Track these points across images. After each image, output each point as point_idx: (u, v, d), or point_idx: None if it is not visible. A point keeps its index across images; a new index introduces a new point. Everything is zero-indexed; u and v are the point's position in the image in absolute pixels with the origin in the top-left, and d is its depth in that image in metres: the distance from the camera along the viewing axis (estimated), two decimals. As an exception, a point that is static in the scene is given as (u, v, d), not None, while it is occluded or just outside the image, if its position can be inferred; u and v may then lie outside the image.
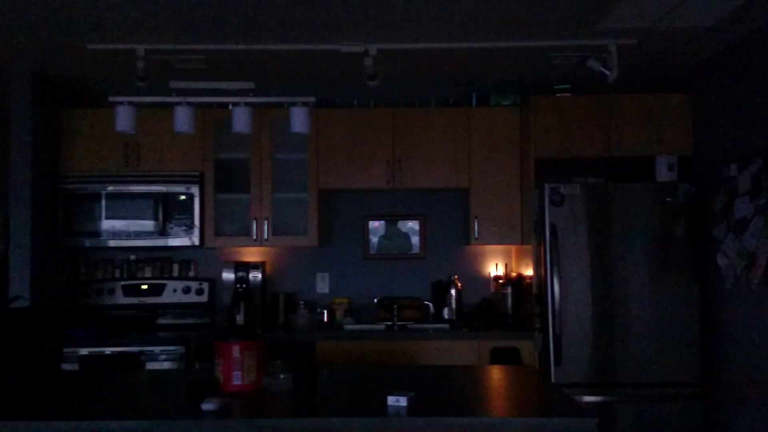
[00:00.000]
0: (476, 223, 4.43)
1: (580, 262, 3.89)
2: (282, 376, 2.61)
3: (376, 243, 4.80)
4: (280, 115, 4.21)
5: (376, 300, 4.63)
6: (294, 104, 3.09)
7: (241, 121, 3.04)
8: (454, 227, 4.76)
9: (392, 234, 4.81)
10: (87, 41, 3.54)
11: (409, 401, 2.18)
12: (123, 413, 2.26)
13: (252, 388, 2.47)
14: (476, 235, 4.44)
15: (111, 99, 3.23)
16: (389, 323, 4.45)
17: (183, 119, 3.04)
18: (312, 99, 3.17)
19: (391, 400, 2.20)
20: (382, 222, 4.80)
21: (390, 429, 2.13)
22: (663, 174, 4.07)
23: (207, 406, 2.19)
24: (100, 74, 4.16)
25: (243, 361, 2.48)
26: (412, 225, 4.80)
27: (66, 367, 3.81)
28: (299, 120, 3.06)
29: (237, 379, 2.47)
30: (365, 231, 4.79)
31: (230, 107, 3.11)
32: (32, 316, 2.43)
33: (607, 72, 3.72)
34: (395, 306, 4.49)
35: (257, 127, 4.34)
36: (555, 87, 4.36)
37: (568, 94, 4.34)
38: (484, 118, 4.47)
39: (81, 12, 3.14)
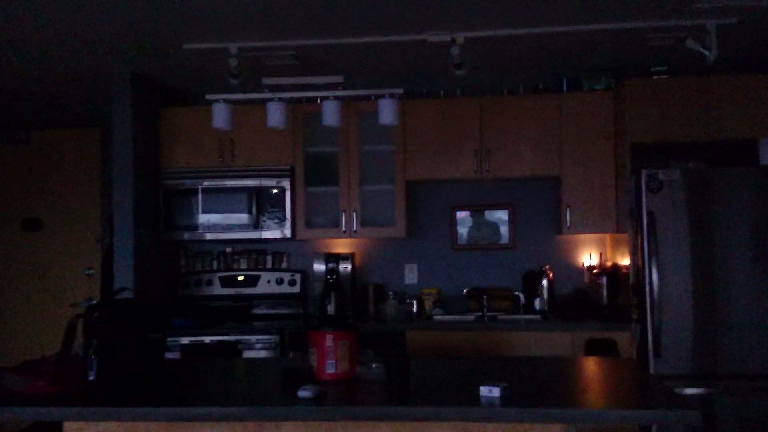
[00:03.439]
0: (568, 212, 4.33)
1: (680, 250, 3.73)
2: (374, 365, 2.64)
3: (464, 233, 4.77)
4: (367, 107, 4.25)
5: (465, 290, 4.61)
6: (382, 96, 3.10)
7: (330, 114, 3.08)
8: (544, 216, 4.67)
9: (481, 224, 4.76)
10: (183, 41, 3.67)
11: (502, 391, 2.16)
12: (223, 400, 2.34)
13: (345, 377, 2.51)
14: (568, 224, 4.33)
15: (208, 97, 3.35)
16: (479, 314, 4.42)
17: (275, 115, 3.11)
18: (400, 90, 3.17)
19: (484, 390, 2.18)
20: (471, 212, 4.77)
21: (483, 419, 2.12)
22: (767, 158, 3.84)
23: (303, 394, 2.25)
24: (195, 73, 4.31)
25: (336, 350, 2.52)
26: (501, 215, 4.74)
27: (168, 355, 3.98)
28: (387, 112, 3.07)
29: (331, 368, 2.51)
30: (453, 221, 4.76)
31: (319, 101, 3.15)
32: (137, 307, 2.55)
33: (706, 52, 3.54)
34: (485, 296, 4.45)
35: (345, 120, 4.41)
36: (651, 69, 4.19)
37: (665, 76, 4.16)
38: (575, 104, 4.36)
39: (177, 13, 3.26)
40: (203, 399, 2.37)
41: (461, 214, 4.77)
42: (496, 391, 2.16)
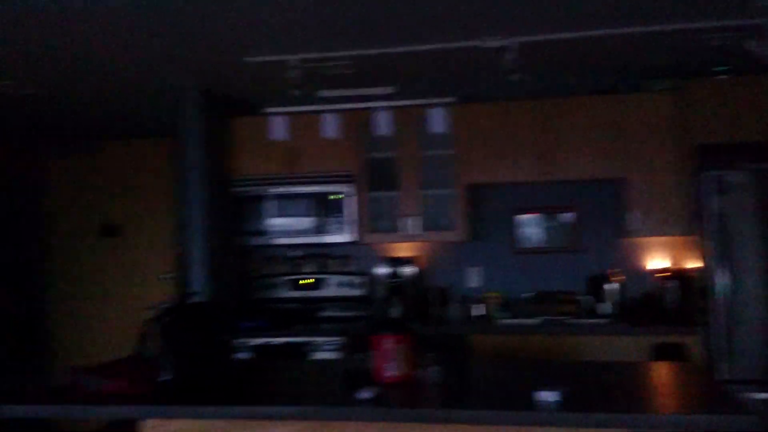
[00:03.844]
0: (633, 215, 4.27)
1: (750, 253, 3.64)
2: (433, 368, 2.68)
3: (526, 236, 4.76)
4: (424, 113, 4.30)
5: (528, 294, 4.60)
6: (432, 105, 3.15)
7: (382, 124, 3.16)
8: (608, 219, 4.61)
9: (543, 227, 4.74)
10: (244, 55, 3.81)
11: (561, 396, 2.17)
12: (289, 400, 2.43)
13: (404, 379, 2.56)
14: (634, 227, 4.27)
15: (267, 110, 3.47)
16: (544, 317, 4.40)
17: (330, 126, 3.22)
18: (450, 99, 3.21)
19: (543, 395, 2.20)
20: (532, 215, 4.76)
21: (539, 423, 2.14)
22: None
23: (362, 395, 2.32)
24: (257, 84, 4.44)
25: (396, 353, 2.58)
26: (564, 217, 4.71)
27: (240, 356, 4.14)
28: (437, 120, 3.12)
29: (390, 370, 2.58)
30: (515, 224, 4.76)
31: (371, 113, 3.23)
32: (207, 310, 2.68)
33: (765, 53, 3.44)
34: (550, 300, 4.43)
35: (403, 127, 4.47)
36: (713, 69, 4.10)
37: (727, 76, 4.06)
38: (636, 105, 4.29)
39: (237, 28, 3.39)
40: (270, 399, 2.47)
41: (523, 217, 4.76)
42: (553, 396, 2.17)
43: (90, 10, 3.04)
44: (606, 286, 4.36)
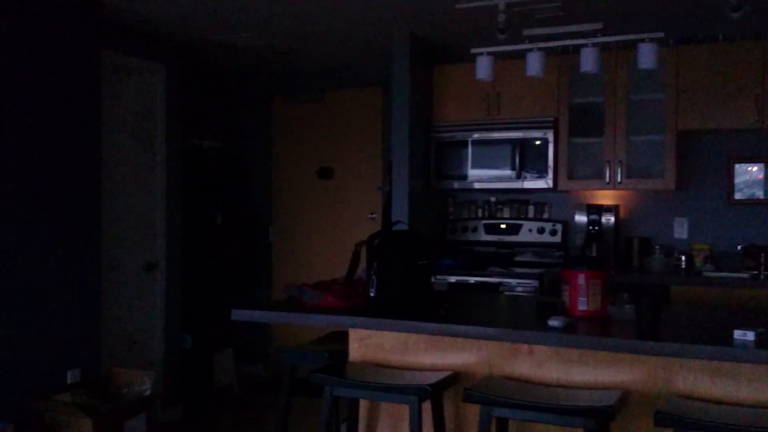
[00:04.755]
0: None
1: None
2: (627, 306, 2.71)
3: (743, 187, 4.46)
4: (635, 52, 4.15)
5: (740, 247, 4.34)
6: (641, 41, 3.07)
7: (588, 61, 3.14)
8: (841, 170, 4.18)
9: (761, 177, 4.41)
10: (456, 2, 3.94)
11: (757, 336, 2.12)
12: (482, 321, 2.60)
13: (595, 314, 2.61)
14: None
15: (473, 51, 3.59)
16: (755, 272, 4.14)
17: (534, 64, 3.25)
18: (660, 34, 3.10)
19: (738, 333, 2.16)
20: (749, 164, 4.44)
21: (734, 359, 2.11)
22: None
23: (553, 323, 2.42)
24: (465, 30, 4.57)
25: (588, 288, 2.63)
26: (787, 168, 4.34)
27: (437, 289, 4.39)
28: (646, 56, 3.04)
29: (582, 305, 2.63)
30: (731, 174, 4.48)
31: (578, 51, 3.22)
32: (410, 238, 2.91)
33: None
34: (762, 254, 4.15)
35: (613, 69, 4.37)
36: None
37: None
38: None
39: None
40: (465, 319, 2.66)
41: (740, 167, 4.46)
42: (750, 335, 2.13)
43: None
44: (833, 243, 4.00)
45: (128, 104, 4.52)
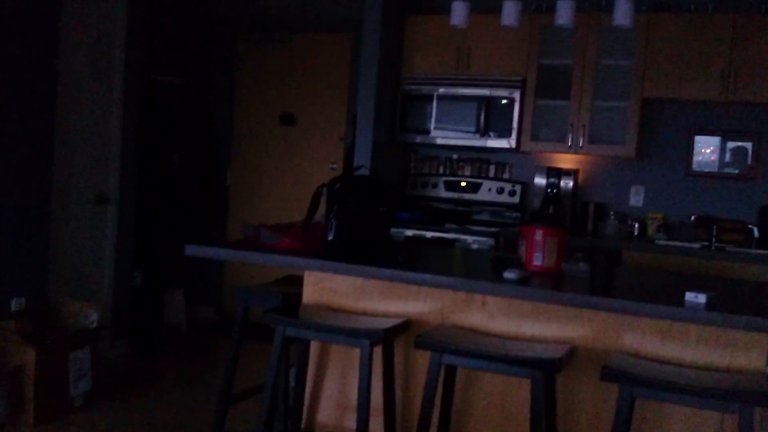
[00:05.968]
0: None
1: None
2: (581, 264, 2.74)
3: (701, 159, 4.54)
4: (608, 18, 4.14)
5: (693, 218, 4.43)
6: (617, -2, 3.05)
7: (563, 14, 3.11)
8: (795, 148, 4.28)
9: (719, 150, 4.49)
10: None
11: (708, 298, 2.16)
12: (438, 270, 2.60)
13: (551, 270, 2.63)
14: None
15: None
16: (706, 243, 4.24)
17: (510, 13, 3.21)
18: (638, -3, 3.08)
19: (690, 295, 2.20)
20: (709, 137, 4.51)
21: (685, 320, 2.15)
22: None
23: (508, 275, 2.43)
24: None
25: (545, 244, 2.65)
26: (744, 144, 4.42)
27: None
28: (622, 11, 3.02)
29: (537, 260, 2.65)
30: (690, 145, 4.54)
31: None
32: (371, 183, 2.87)
33: None
34: (715, 226, 4.25)
35: (584, 32, 4.35)
36: None
37: None
38: None
39: None
40: (423, 268, 2.65)
41: (700, 138, 4.53)
42: (701, 297, 2.17)
43: None
44: (781, 219, 4.11)
45: (88, 27, 4.31)
